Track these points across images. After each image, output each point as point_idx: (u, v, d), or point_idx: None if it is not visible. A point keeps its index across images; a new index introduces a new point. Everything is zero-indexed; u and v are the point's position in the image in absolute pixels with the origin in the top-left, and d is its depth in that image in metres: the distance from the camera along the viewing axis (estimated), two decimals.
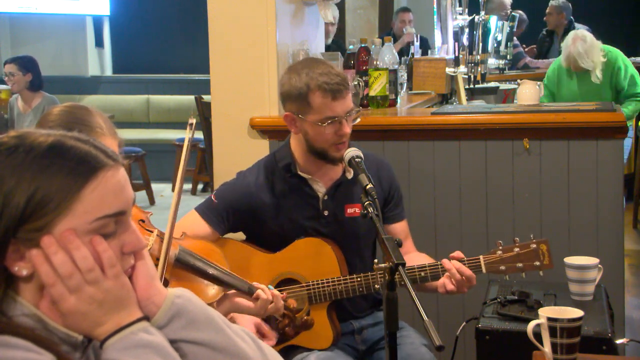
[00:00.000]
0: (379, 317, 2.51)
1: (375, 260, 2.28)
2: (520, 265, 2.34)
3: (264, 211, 2.46)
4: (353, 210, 2.46)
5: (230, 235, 2.53)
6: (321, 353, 2.37)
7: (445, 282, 2.31)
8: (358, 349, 2.50)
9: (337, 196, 2.47)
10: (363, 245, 2.51)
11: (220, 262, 2.07)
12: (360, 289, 2.38)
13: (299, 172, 2.46)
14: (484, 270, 2.33)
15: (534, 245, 2.35)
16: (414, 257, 2.49)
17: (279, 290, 2.37)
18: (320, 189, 2.48)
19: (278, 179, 2.48)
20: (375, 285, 2.37)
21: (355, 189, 2.42)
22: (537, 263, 2.34)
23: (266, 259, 2.44)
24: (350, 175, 2.46)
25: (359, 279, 2.37)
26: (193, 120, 1.66)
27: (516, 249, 2.35)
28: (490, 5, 6.52)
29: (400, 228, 2.56)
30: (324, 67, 2.38)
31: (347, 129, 2.37)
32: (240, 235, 2.58)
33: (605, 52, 5.51)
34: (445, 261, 2.31)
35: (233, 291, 2.07)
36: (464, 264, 2.30)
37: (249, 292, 2.07)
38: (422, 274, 2.33)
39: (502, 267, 2.34)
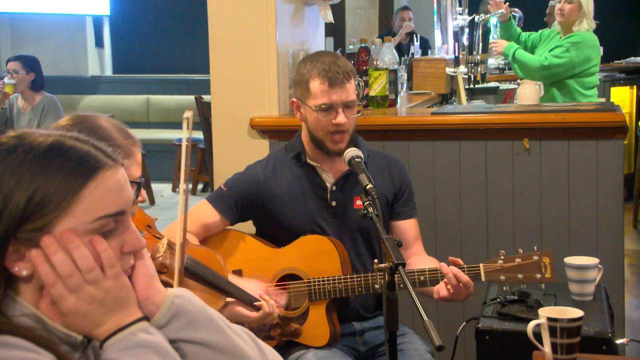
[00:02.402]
0: (380, 321, 2.51)
1: (375, 260, 2.29)
2: (520, 276, 2.31)
3: (272, 200, 2.49)
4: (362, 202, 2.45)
5: (239, 226, 2.57)
6: (319, 351, 2.38)
7: (439, 288, 2.29)
8: (359, 350, 2.50)
9: (345, 188, 2.49)
10: (373, 237, 2.51)
11: (220, 269, 2.09)
12: (360, 289, 2.38)
13: (308, 160, 2.50)
14: (483, 278, 2.31)
15: (536, 257, 2.31)
16: (422, 261, 2.47)
17: (282, 286, 2.41)
18: (329, 179, 2.50)
19: (287, 168, 2.52)
20: (375, 285, 2.37)
21: None
22: (538, 275, 2.30)
23: (271, 253, 2.47)
24: None
25: (358, 279, 2.38)
26: (189, 114, 1.53)
27: (518, 260, 2.32)
28: (485, 7, 6.50)
29: (409, 226, 2.54)
30: (331, 57, 2.45)
31: (342, 119, 2.40)
32: (251, 229, 2.60)
33: (581, 36, 4.88)
34: (443, 265, 2.28)
35: (232, 301, 2.09)
36: (463, 271, 2.27)
37: (249, 303, 2.10)
38: (422, 277, 2.32)
39: (502, 277, 2.31)
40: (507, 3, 5.36)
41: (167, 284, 1.47)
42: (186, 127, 1.52)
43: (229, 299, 2.10)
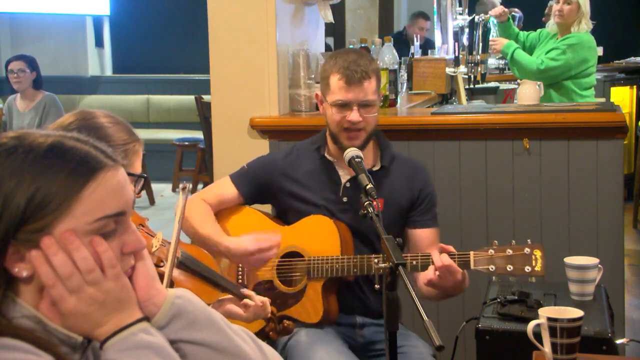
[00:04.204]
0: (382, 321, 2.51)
1: (376, 260, 2.30)
2: (510, 268, 2.29)
3: (287, 186, 2.56)
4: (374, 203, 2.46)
5: (257, 206, 2.64)
6: (312, 330, 2.41)
7: (427, 273, 2.30)
8: (356, 341, 2.51)
9: (359, 186, 2.49)
10: (375, 240, 2.51)
11: (213, 266, 2.13)
12: (355, 270, 2.41)
13: (326, 155, 2.55)
14: (472, 266, 2.31)
15: (528, 250, 2.30)
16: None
17: (284, 262, 2.49)
18: (345, 175, 2.54)
19: (307, 159, 2.58)
20: (375, 286, 2.37)
21: (380, 183, 2.46)
22: (528, 268, 2.29)
23: (276, 230, 2.52)
24: (377, 167, 2.53)
25: (355, 260, 2.41)
26: (187, 185, 1.72)
27: (509, 251, 2.31)
28: (482, 8, 6.49)
29: (424, 235, 2.53)
30: (354, 56, 2.49)
31: (355, 117, 2.43)
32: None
33: (577, 37, 4.85)
34: (432, 251, 2.32)
35: (226, 298, 2.11)
36: (454, 258, 2.29)
37: (241, 296, 2.12)
38: (414, 262, 2.35)
39: (491, 267, 2.30)
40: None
41: (162, 276, 1.49)
42: (182, 195, 1.70)
43: (221, 297, 2.12)
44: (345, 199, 2.51)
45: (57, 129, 1.77)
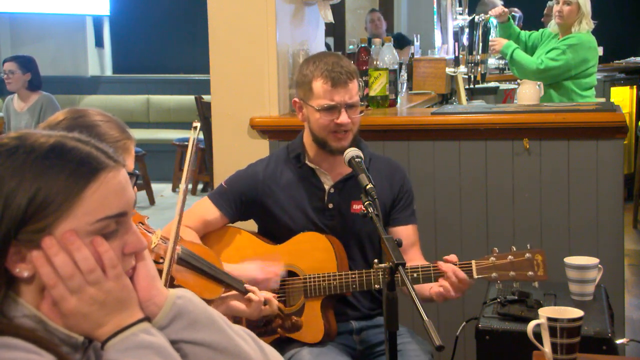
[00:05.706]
0: (379, 321, 2.51)
1: (376, 260, 2.30)
2: (512, 273, 2.30)
3: (271, 199, 2.51)
4: (359, 207, 2.45)
5: (240, 224, 2.58)
6: (314, 348, 2.38)
7: (442, 284, 2.28)
8: (355, 348, 2.50)
9: (344, 191, 2.49)
10: (367, 242, 2.51)
11: (216, 263, 2.11)
12: (354, 286, 2.38)
13: (307, 162, 2.51)
14: (475, 275, 2.30)
15: (529, 255, 2.30)
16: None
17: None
18: (328, 181, 2.51)
19: (287, 168, 2.53)
20: (375, 285, 2.37)
21: None
22: (530, 273, 2.29)
23: (268, 250, 2.48)
24: None
25: (353, 276, 2.38)
26: (198, 124, 1.68)
27: (510, 257, 2.31)
28: (482, 8, 6.50)
29: (405, 232, 2.51)
30: (334, 58, 2.46)
31: (345, 119, 2.40)
32: (253, 227, 2.62)
33: (577, 38, 4.85)
34: (440, 263, 2.29)
35: (228, 294, 2.11)
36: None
37: (245, 292, 2.12)
38: (415, 275, 2.32)
39: (494, 274, 2.30)
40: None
41: (161, 272, 1.49)
42: (193, 132, 1.67)
43: (223, 295, 2.12)
44: (330, 206, 2.49)
45: (47, 127, 1.77)
